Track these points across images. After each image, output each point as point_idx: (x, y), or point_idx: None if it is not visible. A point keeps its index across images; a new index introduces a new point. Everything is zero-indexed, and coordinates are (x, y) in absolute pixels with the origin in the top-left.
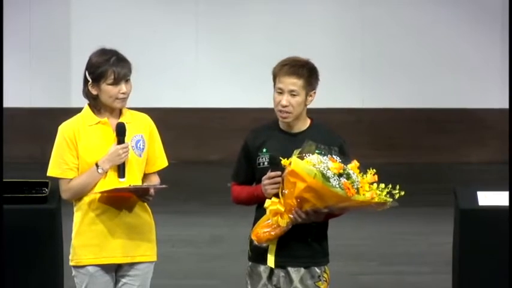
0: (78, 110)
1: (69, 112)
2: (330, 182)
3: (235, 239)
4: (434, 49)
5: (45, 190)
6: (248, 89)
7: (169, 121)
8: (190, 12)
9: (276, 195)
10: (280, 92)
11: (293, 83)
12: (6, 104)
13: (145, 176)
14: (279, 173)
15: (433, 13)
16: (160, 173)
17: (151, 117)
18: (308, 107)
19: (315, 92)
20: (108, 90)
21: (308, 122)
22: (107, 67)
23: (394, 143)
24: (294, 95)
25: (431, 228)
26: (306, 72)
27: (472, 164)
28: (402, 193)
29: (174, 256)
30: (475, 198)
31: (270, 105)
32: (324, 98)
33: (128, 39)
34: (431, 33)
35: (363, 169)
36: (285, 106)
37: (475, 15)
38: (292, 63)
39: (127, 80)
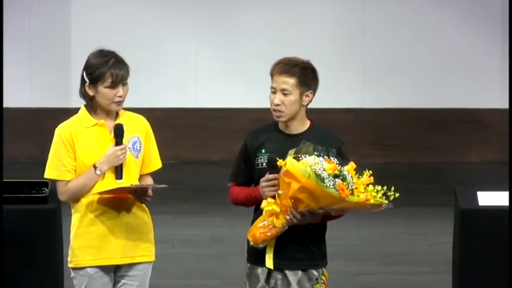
0: (78, 110)
1: (69, 112)
2: (324, 182)
3: (235, 239)
4: (435, 49)
5: (45, 190)
6: (248, 89)
7: (169, 121)
8: (190, 12)
9: (273, 197)
10: (274, 91)
11: (285, 81)
12: (6, 104)
13: (139, 178)
14: (276, 175)
15: (433, 13)
16: (160, 173)
17: (151, 117)
18: (308, 107)
19: (312, 93)
20: (105, 93)
21: (308, 123)
22: (105, 69)
23: (394, 143)
24: (286, 94)
25: (431, 228)
26: (298, 71)
27: (472, 164)
28: (397, 195)
29: (174, 256)
30: (475, 198)
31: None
32: (324, 98)
33: (128, 40)
34: (431, 33)
35: (362, 169)
36: (277, 105)
37: (475, 15)
38: (286, 61)
39: (124, 83)
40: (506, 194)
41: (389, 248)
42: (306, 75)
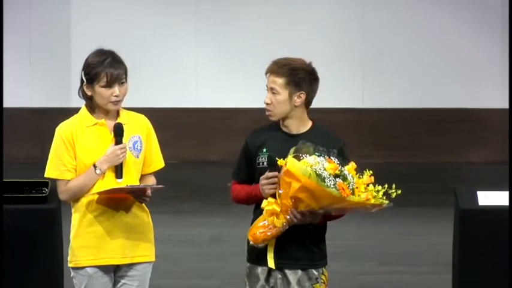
0: (78, 110)
1: (69, 112)
2: (324, 182)
3: (235, 239)
4: (435, 49)
5: (45, 190)
6: (248, 89)
7: (170, 121)
8: (190, 12)
9: (273, 196)
10: (266, 89)
11: (273, 81)
12: (6, 104)
13: (142, 177)
14: (276, 173)
15: (433, 13)
16: (160, 173)
17: (151, 117)
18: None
19: (303, 94)
20: (101, 93)
21: (309, 123)
22: (100, 69)
23: (394, 143)
24: (275, 93)
25: (431, 228)
26: (286, 71)
27: (472, 164)
28: (399, 192)
29: (174, 256)
30: (475, 198)
31: None
32: (324, 98)
33: (128, 39)
34: (431, 33)
35: (362, 169)
36: (267, 104)
37: (475, 15)
38: (278, 61)
39: (122, 83)
40: (506, 194)
41: (389, 248)
42: (295, 75)
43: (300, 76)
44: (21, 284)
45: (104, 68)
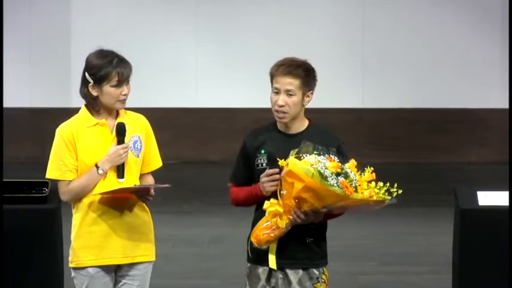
0: (78, 110)
1: (69, 112)
2: (327, 181)
3: (235, 239)
4: (435, 49)
5: (45, 190)
6: (248, 89)
7: (170, 121)
8: (190, 12)
9: (275, 196)
10: (277, 92)
11: (289, 82)
12: (6, 104)
13: (140, 177)
14: (277, 170)
15: (433, 13)
16: (160, 173)
17: (151, 117)
18: (308, 107)
19: (312, 93)
20: (110, 92)
21: (306, 122)
22: (110, 69)
23: (394, 143)
24: (291, 94)
25: (431, 228)
26: (302, 72)
27: (472, 164)
28: (400, 191)
29: (174, 256)
30: (475, 198)
31: (270, 105)
32: (324, 98)
33: (127, 39)
34: (431, 34)
35: (362, 168)
36: (282, 106)
37: (475, 15)
38: (289, 63)
39: (128, 81)
40: (506, 194)
41: (390, 248)
42: (308, 76)
43: (311, 76)
44: (21, 284)
45: (113, 68)
